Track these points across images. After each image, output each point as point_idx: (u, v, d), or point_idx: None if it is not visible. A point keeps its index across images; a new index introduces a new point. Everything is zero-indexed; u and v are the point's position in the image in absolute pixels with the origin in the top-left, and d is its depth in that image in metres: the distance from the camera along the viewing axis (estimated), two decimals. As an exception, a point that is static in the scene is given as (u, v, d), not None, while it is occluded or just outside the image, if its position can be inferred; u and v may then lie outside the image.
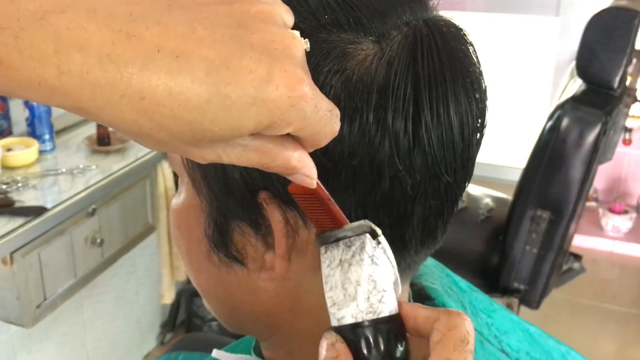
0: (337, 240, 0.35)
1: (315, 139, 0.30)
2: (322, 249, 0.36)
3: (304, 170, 0.31)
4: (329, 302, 0.35)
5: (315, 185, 0.32)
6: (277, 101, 0.27)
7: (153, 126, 0.26)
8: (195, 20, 0.26)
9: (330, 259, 0.35)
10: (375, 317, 0.33)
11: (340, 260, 0.35)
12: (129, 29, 0.25)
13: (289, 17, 0.31)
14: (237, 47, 0.26)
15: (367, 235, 0.34)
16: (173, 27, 0.26)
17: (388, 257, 0.35)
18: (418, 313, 0.34)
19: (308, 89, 0.28)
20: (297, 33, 0.31)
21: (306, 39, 0.32)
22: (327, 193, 0.34)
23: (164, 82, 0.25)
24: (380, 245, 0.35)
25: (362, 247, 0.34)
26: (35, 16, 0.25)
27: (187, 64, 0.26)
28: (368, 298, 0.33)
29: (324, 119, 0.29)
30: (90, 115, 0.26)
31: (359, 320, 0.33)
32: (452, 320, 0.33)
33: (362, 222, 0.35)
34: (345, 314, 0.34)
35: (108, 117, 0.26)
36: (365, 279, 0.34)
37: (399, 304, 0.35)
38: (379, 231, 0.35)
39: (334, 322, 0.34)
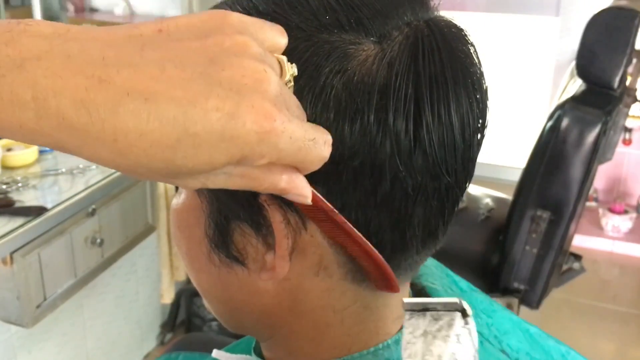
0: (425, 310, 0.36)
1: (301, 167, 0.31)
2: (407, 315, 0.37)
3: (295, 190, 0.32)
4: None
5: (309, 202, 0.33)
6: (245, 137, 0.28)
7: (130, 163, 0.27)
8: (166, 60, 0.27)
9: (414, 326, 0.36)
10: None
11: (425, 331, 0.35)
12: (101, 74, 0.27)
13: (278, 39, 0.32)
14: (206, 84, 0.27)
15: (458, 313, 0.35)
16: (144, 68, 0.27)
17: (472, 340, 0.35)
18: None
19: (278, 123, 0.28)
20: (283, 58, 0.32)
21: (293, 64, 0.32)
22: (329, 204, 0.35)
23: (135, 124, 0.26)
24: (467, 326, 0.35)
25: (450, 324, 0.35)
26: (15, 63, 0.26)
27: (156, 105, 0.27)
28: None
29: (304, 148, 0.30)
30: (71, 153, 0.28)
31: None
32: None
33: (455, 299, 0.35)
34: None
35: (87, 155, 0.28)
36: (447, 356, 0.34)
37: None
38: (469, 312, 0.35)
39: None
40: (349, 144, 0.36)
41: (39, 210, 1.38)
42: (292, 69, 0.32)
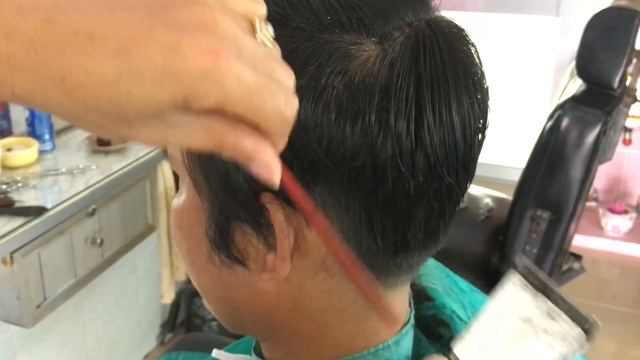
0: (544, 293, 0.30)
1: (257, 122, 0.29)
2: (517, 277, 0.31)
3: (261, 157, 0.30)
4: (486, 331, 0.30)
5: (276, 179, 0.31)
6: (187, 72, 0.27)
7: (79, 106, 0.28)
8: (116, 6, 0.28)
9: (519, 300, 0.30)
10: None
11: (529, 319, 0.30)
12: (50, 17, 0.27)
13: (252, 6, 0.31)
14: (150, 23, 0.28)
15: (582, 333, 0.31)
16: (93, 13, 0.28)
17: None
18: None
19: (222, 60, 0.27)
20: (255, 18, 0.31)
21: (268, 24, 0.32)
22: (300, 190, 0.33)
23: (80, 62, 0.27)
24: (585, 346, 0.31)
25: (565, 337, 0.30)
26: None
27: (100, 43, 0.27)
28: None
29: (257, 97, 0.29)
30: (26, 101, 0.28)
31: None
32: None
33: (587, 313, 0.31)
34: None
35: (40, 101, 0.28)
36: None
37: None
38: (595, 332, 0.31)
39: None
40: (350, 145, 0.36)
41: (39, 210, 1.38)
42: (265, 29, 0.31)
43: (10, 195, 1.44)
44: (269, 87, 0.29)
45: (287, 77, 0.31)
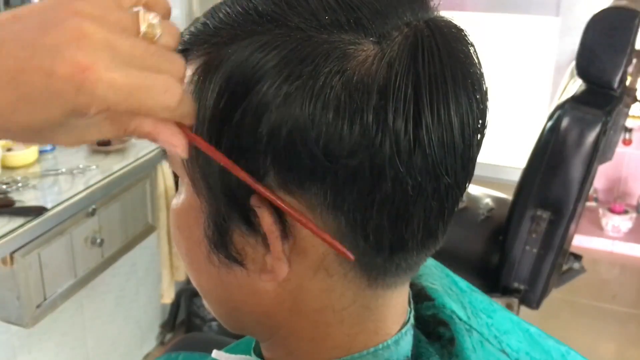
0: None
1: (144, 113, 0.33)
2: None
3: (162, 137, 0.34)
4: None
5: (181, 152, 0.35)
6: (63, 91, 0.30)
7: (2, 129, 0.32)
8: (7, 35, 0.31)
9: None
10: None
11: None
12: None
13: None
14: (32, 51, 0.31)
15: None
16: None
17: None
18: None
19: (90, 72, 0.30)
20: (140, 10, 0.33)
21: (152, 13, 0.34)
22: (223, 157, 0.36)
23: None
24: None
25: None
26: None
27: None
28: None
29: (135, 95, 0.32)
30: None
31: None
32: None
33: None
34: None
35: None
36: None
37: None
38: None
39: None
40: (348, 144, 0.36)
41: (39, 210, 1.38)
42: (149, 19, 0.34)
43: (10, 195, 1.44)
44: (144, 84, 0.32)
45: (172, 65, 0.34)
